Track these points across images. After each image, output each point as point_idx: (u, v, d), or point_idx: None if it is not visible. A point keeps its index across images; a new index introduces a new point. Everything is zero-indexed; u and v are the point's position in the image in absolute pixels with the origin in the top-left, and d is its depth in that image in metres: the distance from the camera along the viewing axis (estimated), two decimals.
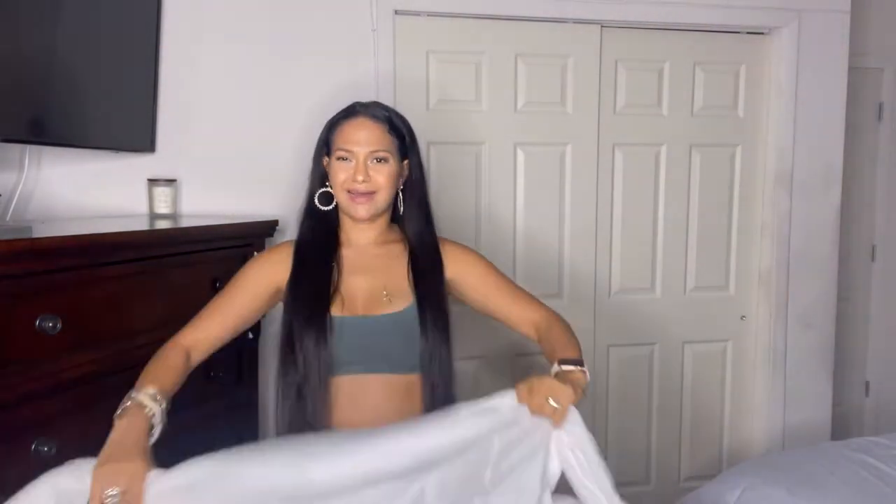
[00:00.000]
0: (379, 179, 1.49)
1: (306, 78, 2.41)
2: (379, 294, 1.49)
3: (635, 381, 2.87)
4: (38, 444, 1.35)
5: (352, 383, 1.44)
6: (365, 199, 1.49)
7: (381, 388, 1.45)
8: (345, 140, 1.50)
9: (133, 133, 2.20)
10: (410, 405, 1.46)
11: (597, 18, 2.65)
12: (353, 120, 1.52)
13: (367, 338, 1.46)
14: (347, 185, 1.49)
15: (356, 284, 1.51)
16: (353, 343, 1.45)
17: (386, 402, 1.45)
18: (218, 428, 1.99)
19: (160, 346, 1.70)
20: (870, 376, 3.51)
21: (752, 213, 2.91)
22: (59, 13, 1.85)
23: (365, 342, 1.46)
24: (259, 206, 2.37)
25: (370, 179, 1.48)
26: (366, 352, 1.46)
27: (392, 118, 1.55)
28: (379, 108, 1.56)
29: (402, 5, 2.48)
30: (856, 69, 3.03)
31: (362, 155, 1.48)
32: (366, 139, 1.49)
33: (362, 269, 1.53)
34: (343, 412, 1.44)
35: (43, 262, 1.37)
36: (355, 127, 1.51)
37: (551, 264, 2.72)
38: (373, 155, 1.49)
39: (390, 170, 1.50)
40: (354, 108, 1.55)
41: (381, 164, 1.50)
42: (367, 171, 1.48)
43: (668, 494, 2.87)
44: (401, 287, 1.51)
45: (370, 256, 1.55)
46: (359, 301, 1.49)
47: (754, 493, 1.88)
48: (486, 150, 2.63)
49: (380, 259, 1.54)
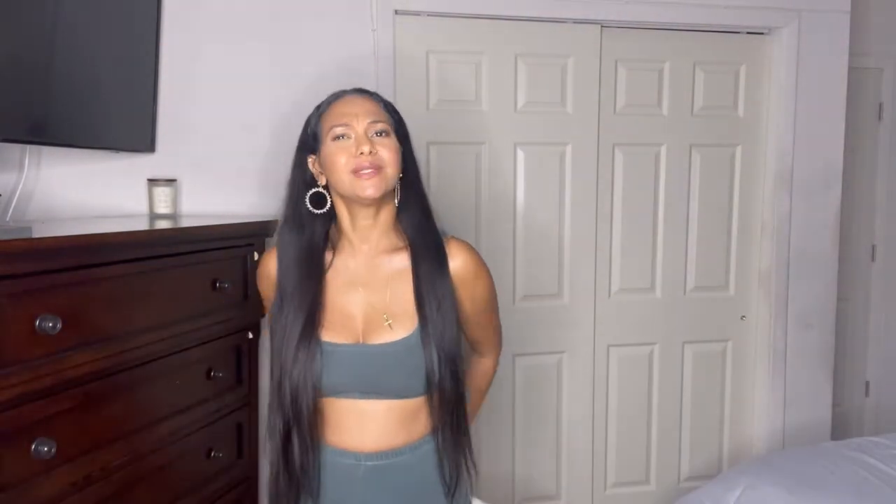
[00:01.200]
0: (385, 154, 1.32)
1: (306, 77, 2.41)
2: (380, 317, 1.34)
3: (635, 381, 2.87)
4: (38, 444, 1.35)
5: (352, 407, 1.35)
6: (372, 174, 1.30)
7: (385, 413, 1.34)
8: (338, 116, 1.35)
9: (133, 133, 2.20)
10: (416, 426, 1.37)
11: (597, 18, 2.65)
12: (342, 98, 1.40)
13: (368, 368, 1.33)
14: (352, 163, 1.31)
15: (355, 302, 1.36)
16: (353, 372, 1.33)
17: (389, 426, 1.35)
18: (218, 428, 1.99)
19: (160, 346, 1.71)
20: (870, 376, 3.51)
21: (752, 213, 2.91)
22: (59, 13, 1.85)
23: (365, 372, 1.33)
24: (259, 207, 2.37)
25: (376, 152, 1.31)
26: (365, 381, 1.34)
27: (383, 98, 1.43)
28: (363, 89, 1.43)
29: (402, 5, 2.48)
30: (856, 69, 3.03)
31: (361, 127, 1.33)
32: (362, 110, 1.35)
33: (364, 281, 1.37)
34: (342, 435, 1.36)
35: (43, 262, 1.37)
36: (346, 102, 1.37)
37: (551, 264, 2.72)
38: (373, 127, 1.34)
39: (394, 143, 1.35)
40: (340, 91, 1.43)
41: (383, 138, 1.34)
42: (370, 143, 1.31)
43: (668, 494, 2.87)
44: (406, 307, 1.35)
45: (373, 267, 1.37)
46: (358, 322, 1.35)
47: (754, 493, 1.88)
48: (486, 150, 2.63)
49: (383, 271, 1.37)
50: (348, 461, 1.35)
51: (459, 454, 1.37)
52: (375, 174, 1.31)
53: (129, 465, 1.62)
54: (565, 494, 2.82)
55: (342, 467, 1.35)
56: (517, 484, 2.77)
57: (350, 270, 1.38)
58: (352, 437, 1.35)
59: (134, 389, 1.65)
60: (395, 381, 1.34)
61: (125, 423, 1.62)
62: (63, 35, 1.88)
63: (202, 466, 1.93)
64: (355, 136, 1.33)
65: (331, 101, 1.41)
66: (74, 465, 1.46)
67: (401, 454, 1.35)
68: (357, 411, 1.34)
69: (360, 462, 1.35)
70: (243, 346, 2.14)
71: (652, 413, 2.90)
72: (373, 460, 1.34)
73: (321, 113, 1.40)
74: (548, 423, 2.78)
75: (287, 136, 2.37)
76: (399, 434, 1.35)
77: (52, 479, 1.40)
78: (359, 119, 1.34)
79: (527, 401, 2.75)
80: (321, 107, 1.42)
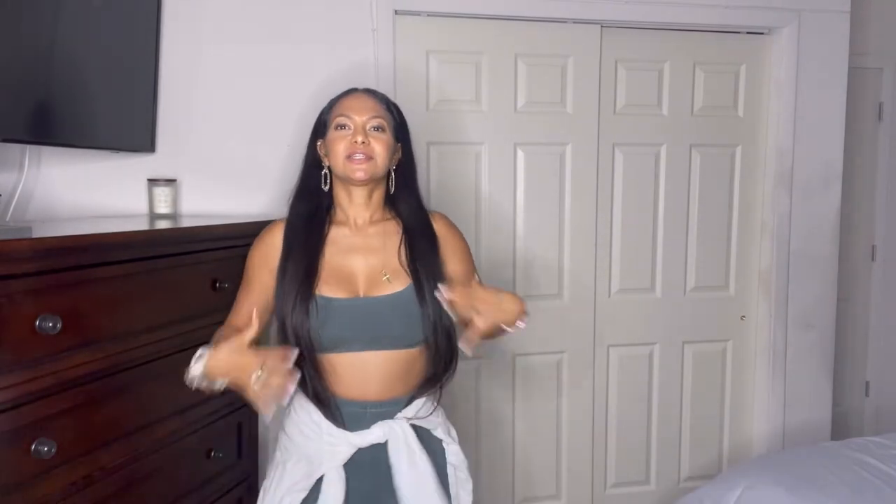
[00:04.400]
0: (376, 147, 1.53)
1: (306, 77, 2.41)
2: (379, 275, 1.53)
3: (635, 381, 2.87)
4: (38, 444, 1.35)
5: (354, 360, 1.50)
6: (363, 161, 1.51)
7: (384, 363, 1.50)
8: (343, 108, 1.56)
9: (133, 133, 2.20)
10: (412, 376, 1.54)
11: (597, 18, 2.65)
12: (351, 94, 1.61)
13: (369, 318, 1.50)
14: (347, 149, 1.51)
15: (356, 264, 1.55)
16: (355, 323, 1.49)
17: (388, 376, 1.51)
18: (218, 428, 2.00)
19: (160, 346, 1.71)
20: (870, 376, 3.51)
21: (752, 213, 2.91)
22: (60, 13, 1.85)
23: (366, 322, 1.50)
24: (259, 206, 2.37)
25: (369, 144, 1.52)
26: (367, 331, 1.49)
27: (388, 100, 1.62)
28: (371, 89, 1.64)
29: (402, 5, 2.48)
30: (856, 69, 3.03)
31: (360, 121, 1.53)
32: (364, 107, 1.55)
33: (361, 248, 1.57)
34: (347, 386, 1.50)
35: (43, 262, 1.37)
36: (353, 98, 1.59)
37: (551, 264, 2.73)
38: (371, 122, 1.54)
39: (388, 140, 1.55)
40: (352, 88, 1.63)
41: (379, 133, 1.54)
42: (366, 135, 1.52)
43: (668, 494, 2.87)
44: (399, 267, 1.55)
45: (368, 235, 1.58)
46: (359, 281, 1.54)
47: (754, 492, 1.88)
48: (486, 150, 2.63)
49: (377, 238, 1.58)
50: (355, 409, 1.50)
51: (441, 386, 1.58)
52: (366, 161, 1.51)
53: (129, 465, 1.62)
54: (565, 494, 2.83)
55: (350, 414, 1.50)
56: (517, 484, 2.77)
57: (348, 240, 1.58)
58: (357, 387, 1.50)
59: (134, 389, 1.65)
60: (394, 329, 1.51)
61: (125, 423, 1.62)
62: (63, 35, 1.88)
63: (202, 466, 1.93)
64: (354, 128, 1.53)
65: (341, 96, 1.61)
66: (74, 465, 1.46)
67: (399, 403, 1.53)
68: (360, 363, 1.49)
69: (367, 409, 1.51)
70: None
71: (652, 413, 2.90)
72: (376, 408, 1.51)
73: (332, 104, 1.61)
74: (548, 423, 2.78)
75: (287, 135, 2.39)
76: (398, 384, 1.52)
77: (52, 479, 1.40)
78: (360, 113, 1.54)
79: (527, 401, 2.75)
80: (333, 100, 1.62)
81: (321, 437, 1.50)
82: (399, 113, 1.63)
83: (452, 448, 1.60)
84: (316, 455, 1.50)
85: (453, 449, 1.60)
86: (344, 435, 1.49)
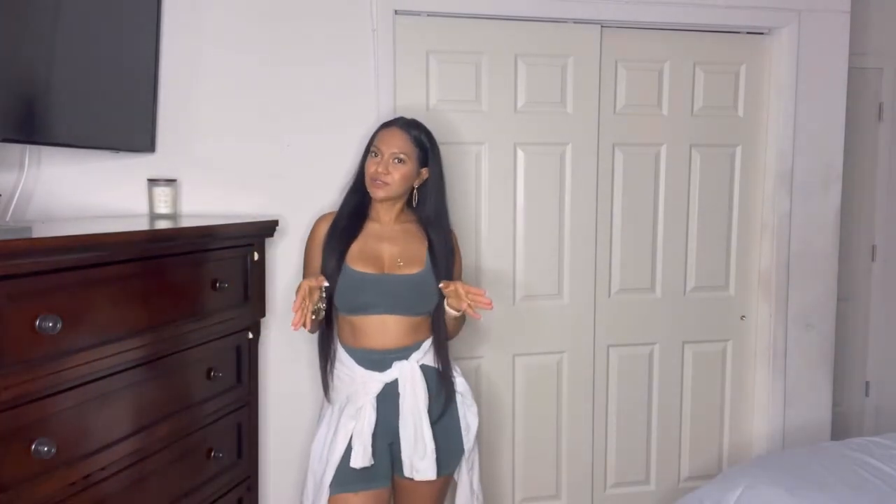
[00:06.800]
0: (394, 175, 2.01)
1: (306, 77, 2.41)
2: (395, 260, 2.03)
3: (635, 381, 2.87)
4: (38, 444, 1.35)
5: (376, 320, 2.00)
6: (381, 186, 2.01)
7: (398, 324, 2.01)
8: (378, 140, 2.05)
9: (133, 133, 2.20)
10: (419, 333, 2.04)
11: (597, 18, 2.65)
12: (389, 128, 2.07)
13: (389, 290, 2.01)
14: (372, 174, 2.02)
15: (382, 249, 2.05)
16: (378, 291, 2.00)
17: (402, 334, 2.01)
18: (218, 428, 2.00)
19: (160, 346, 1.71)
20: (870, 376, 3.51)
21: (752, 213, 2.91)
22: (59, 13, 1.85)
23: (386, 292, 2.00)
24: (259, 206, 2.37)
25: (388, 173, 2.00)
26: (387, 299, 2.00)
27: (420, 134, 2.06)
28: (412, 123, 2.08)
29: (402, 5, 2.48)
30: (856, 69, 3.03)
31: (387, 154, 2.01)
32: (392, 142, 2.02)
33: (386, 238, 2.06)
34: (371, 338, 2.00)
35: (43, 262, 1.37)
36: (388, 133, 2.05)
37: (551, 264, 2.73)
38: (394, 155, 2.01)
39: (405, 170, 2.03)
40: (393, 120, 2.10)
41: (399, 164, 2.02)
42: (388, 167, 2.01)
43: (668, 494, 2.87)
44: (414, 256, 2.04)
45: (391, 230, 2.08)
46: (384, 262, 2.03)
47: (754, 492, 1.88)
48: (486, 150, 2.63)
49: (398, 233, 2.08)
50: (376, 356, 2.00)
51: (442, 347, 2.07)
52: (383, 186, 2.02)
53: (130, 465, 1.62)
54: (565, 494, 2.83)
55: (375, 360, 2.00)
56: (517, 484, 2.77)
57: (377, 231, 2.08)
58: (379, 339, 2.01)
59: (134, 389, 1.65)
60: (408, 301, 2.02)
61: (125, 423, 1.62)
62: (63, 35, 1.88)
63: (202, 466, 1.93)
64: (381, 158, 2.02)
65: (382, 126, 2.09)
66: (74, 465, 1.46)
67: (409, 350, 2.01)
68: (382, 323, 2.00)
69: (385, 356, 2.00)
70: (243, 346, 2.14)
71: (652, 413, 2.90)
72: (393, 354, 2.00)
73: (376, 132, 2.08)
74: (548, 423, 2.78)
75: (287, 135, 2.39)
76: (408, 337, 2.02)
77: (52, 479, 1.40)
78: (388, 147, 2.02)
79: (527, 401, 2.75)
80: (378, 128, 2.09)
81: (355, 381, 1.99)
82: (430, 141, 2.07)
83: (459, 380, 2.10)
84: (353, 394, 1.99)
85: (459, 381, 2.10)
86: (372, 375, 1.98)
